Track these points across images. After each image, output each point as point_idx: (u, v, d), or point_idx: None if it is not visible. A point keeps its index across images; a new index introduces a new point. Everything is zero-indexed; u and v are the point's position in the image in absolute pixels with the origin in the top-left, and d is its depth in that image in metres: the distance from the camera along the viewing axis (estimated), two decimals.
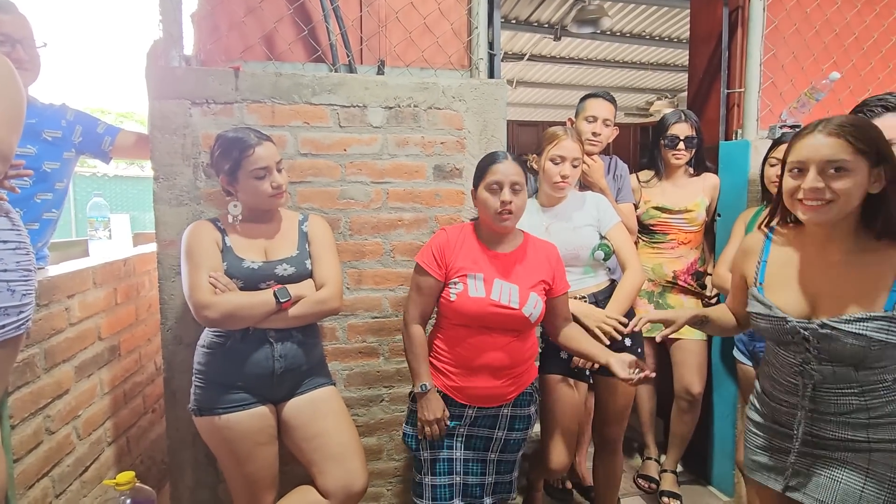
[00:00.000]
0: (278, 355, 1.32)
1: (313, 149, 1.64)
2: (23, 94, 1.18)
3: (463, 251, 1.39)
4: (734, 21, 2.14)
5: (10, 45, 1.48)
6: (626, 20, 4.89)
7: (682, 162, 2.03)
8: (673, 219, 2.04)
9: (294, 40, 1.71)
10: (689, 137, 2.00)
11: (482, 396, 1.38)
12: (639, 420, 2.26)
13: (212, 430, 1.28)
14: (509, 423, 1.43)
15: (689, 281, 2.05)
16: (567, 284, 1.47)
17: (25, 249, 1.22)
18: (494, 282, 1.34)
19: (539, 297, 1.36)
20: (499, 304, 1.32)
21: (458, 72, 1.82)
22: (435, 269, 1.37)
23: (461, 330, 1.36)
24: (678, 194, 2.05)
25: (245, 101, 1.58)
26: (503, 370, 1.36)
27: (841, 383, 1.01)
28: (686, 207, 2.02)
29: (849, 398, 1.01)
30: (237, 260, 1.31)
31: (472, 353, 1.35)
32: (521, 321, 1.34)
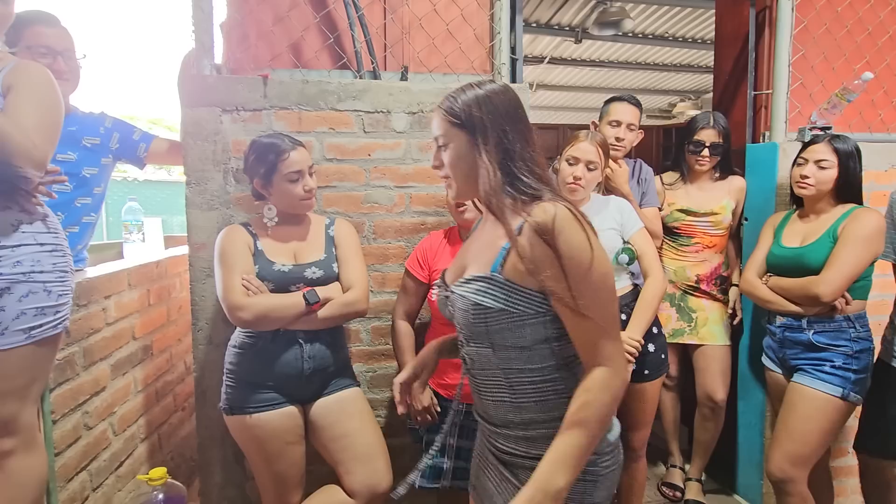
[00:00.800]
0: (307, 356, 1.35)
1: (338, 154, 1.67)
2: (61, 104, 1.24)
3: (445, 253, 1.46)
4: (761, 21, 2.11)
5: (52, 56, 1.55)
6: (648, 21, 4.84)
7: (706, 168, 2.00)
8: (697, 222, 2.01)
9: (320, 48, 1.75)
10: (714, 144, 1.97)
11: (468, 392, 1.40)
12: (662, 427, 2.23)
13: (242, 428, 1.31)
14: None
15: (713, 285, 2.01)
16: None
17: (62, 252, 1.27)
18: None
19: None
20: None
21: (481, 76, 1.83)
22: (418, 271, 1.49)
23: (444, 328, 1.42)
24: (703, 197, 2.02)
25: (273, 107, 1.62)
26: None
27: (486, 369, 0.88)
28: (711, 210, 1.99)
29: (499, 392, 0.88)
30: (268, 263, 1.35)
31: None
32: None
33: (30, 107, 1.15)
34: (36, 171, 1.14)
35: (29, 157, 1.11)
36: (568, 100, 7.59)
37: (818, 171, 1.62)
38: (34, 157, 1.12)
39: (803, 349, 1.61)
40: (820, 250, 1.57)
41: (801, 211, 1.74)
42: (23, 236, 1.19)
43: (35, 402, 1.23)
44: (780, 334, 1.68)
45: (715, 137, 1.97)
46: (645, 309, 1.58)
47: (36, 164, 1.13)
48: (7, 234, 1.16)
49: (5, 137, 1.07)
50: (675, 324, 2.02)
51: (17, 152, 1.09)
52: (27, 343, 1.17)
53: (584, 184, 1.58)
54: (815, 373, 1.57)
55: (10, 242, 1.17)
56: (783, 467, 1.56)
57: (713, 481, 2.23)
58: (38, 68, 1.23)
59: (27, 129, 1.12)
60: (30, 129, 1.12)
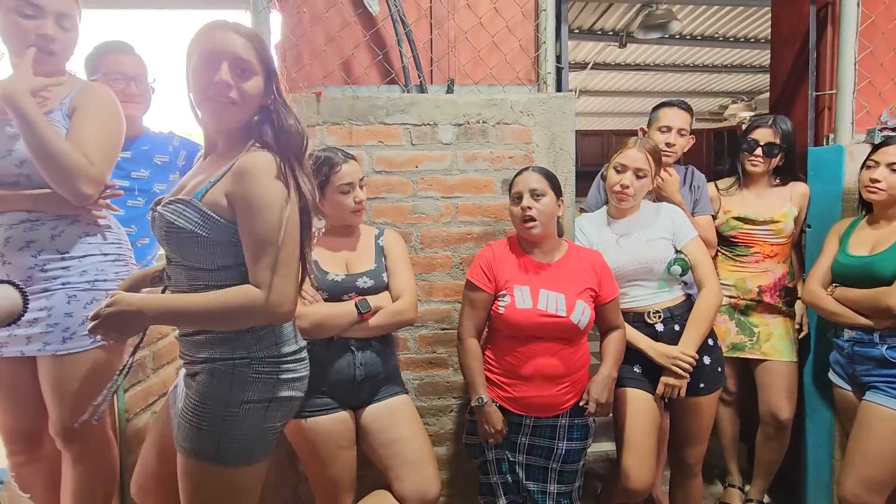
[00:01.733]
0: (359, 363, 1.39)
1: (387, 166, 1.72)
2: (121, 125, 1.34)
3: (509, 263, 1.45)
4: (822, 18, 2.01)
5: (125, 82, 1.69)
6: (696, 23, 4.70)
7: (759, 170, 1.89)
8: (757, 230, 1.90)
9: (369, 65, 1.81)
10: (770, 144, 1.86)
11: (538, 406, 1.41)
12: (720, 444, 2.12)
13: (298, 432, 1.37)
14: (568, 432, 1.44)
15: (777, 298, 1.91)
16: (615, 290, 1.48)
17: (124, 261, 1.37)
18: (540, 292, 1.39)
19: (586, 303, 1.40)
20: (546, 313, 1.37)
21: (526, 86, 1.85)
22: (485, 283, 1.45)
23: (510, 341, 1.42)
24: (762, 204, 1.91)
25: (325, 123, 1.69)
26: (557, 378, 1.40)
27: (178, 287, 1.04)
28: (772, 218, 1.88)
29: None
30: (322, 273, 1.41)
31: (521, 362, 1.40)
32: (569, 329, 1.38)
33: (91, 127, 1.25)
34: (93, 187, 1.23)
35: (86, 174, 1.20)
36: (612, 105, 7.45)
37: (890, 175, 1.52)
38: (91, 174, 1.21)
39: (875, 365, 1.51)
40: (892, 259, 1.47)
41: (870, 217, 1.64)
42: (88, 247, 1.30)
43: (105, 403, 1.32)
44: (848, 349, 1.58)
45: (771, 137, 1.86)
46: (700, 321, 1.53)
47: (92, 180, 1.22)
48: (74, 245, 1.27)
49: (65, 156, 1.17)
50: (734, 338, 1.92)
51: (75, 170, 1.18)
52: (93, 347, 1.27)
53: (631, 192, 1.55)
54: (890, 391, 1.47)
55: (77, 253, 1.28)
56: (857, 493, 1.46)
57: (776, 503, 2.11)
58: (102, 90, 1.34)
59: (87, 148, 1.21)
60: (89, 148, 1.22)
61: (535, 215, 1.39)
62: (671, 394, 1.52)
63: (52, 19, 1.24)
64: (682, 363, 1.48)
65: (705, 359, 1.56)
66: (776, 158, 1.88)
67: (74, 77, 1.37)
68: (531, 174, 1.43)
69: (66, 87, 1.30)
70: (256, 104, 1.02)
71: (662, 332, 1.56)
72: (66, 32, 1.28)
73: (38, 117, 1.17)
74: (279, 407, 1.03)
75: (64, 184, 1.20)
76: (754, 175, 1.93)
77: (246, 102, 1.00)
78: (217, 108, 0.99)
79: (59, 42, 1.26)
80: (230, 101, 0.98)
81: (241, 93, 0.98)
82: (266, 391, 1.01)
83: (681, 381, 1.50)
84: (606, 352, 1.49)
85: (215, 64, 0.96)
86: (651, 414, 1.54)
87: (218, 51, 0.97)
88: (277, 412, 1.03)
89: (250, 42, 1.00)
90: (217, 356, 1.00)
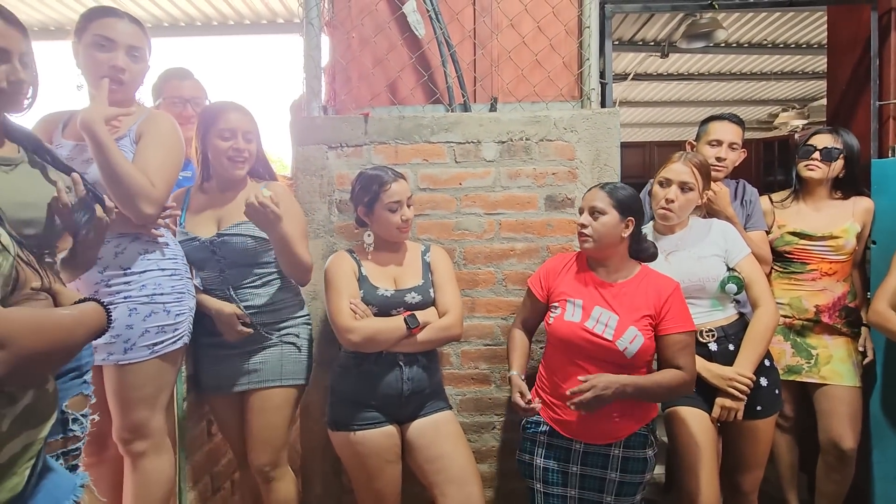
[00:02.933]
0: (406, 378, 1.41)
1: (431, 183, 1.76)
2: (182, 154, 1.44)
3: (568, 276, 1.43)
4: (885, 24, 1.92)
5: (183, 104, 1.81)
6: (743, 30, 4.56)
7: (816, 176, 1.79)
8: (814, 246, 1.80)
9: (415, 85, 1.86)
10: (828, 149, 1.75)
11: (585, 431, 1.36)
12: (777, 473, 2.01)
13: (346, 444, 1.40)
14: (622, 464, 1.37)
15: (836, 318, 1.80)
16: (685, 325, 1.35)
17: (180, 275, 1.45)
18: (594, 309, 1.35)
19: (640, 331, 1.32)
20: (591, 331, 1.33)
21: (570, 103, 1.84)
22: (538, 290, 1.48)
23: (560, 358, 1.39)
24: (820, 218, 1.81)
25: (372, 143, 1.75)
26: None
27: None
28: (831, 233, 1.78)
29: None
30: (372, 288, 1.44)
31: (568, 382, 1.36)
32: (613, 353, 1.32)
33: (154, 152, 1.34)
34: (154, 208, 1.31)
35: (148, 195, 1.28)
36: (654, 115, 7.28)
37: None
38: (152, 195, 1.29)
39: None
40: None
41: None
42: (147, 263, 1.38)
43: (163, 410, 1.39)
44: None
45: (830, 142, 1.76)
46: (756, 341, 1.47)
47: (153, 201, 1.30)
48: (135, 262, 1.36)
49: (130, 179, 1.26)
50: (789, 360, 1.82)
51: (139, 192, 1.27)
52: (151, 357, 1.34)
53: (676, 207, 1.51)
54: None
55: (138, 269, 1.36)
56: None
57: None
58: (166, 118, 1.44)
59: (149, 171, 1.30)
60: (151, 172, 1.31)
61: (589, 233, 1.36)
62: (728, 416, 1.45)
63: (124, 51, 1.34)
64: (739, 385, 1.42)
65: (762, 380, 1.50)
66: (837, 164, 1.77)
67: (142, 106, 1.47)
68: (596, 192, 1.39)
69: (134, 116, 1.41)
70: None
71: (716, 352, 1.50)
72: (136, 63, 1.38)
73: (109, 143, 1.26)
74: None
75: (128, 204, 1.29)
76: (812, 184, 1.83)
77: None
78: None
79: (129, 72, 1.36)
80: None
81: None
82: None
83: (738, 403, 1.44)
84: (650, 375, 1.36)
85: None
86: (711, 433, 1.47)
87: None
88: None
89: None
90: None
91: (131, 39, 1.36)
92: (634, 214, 1.37)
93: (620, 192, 1.38)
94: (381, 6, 1.83)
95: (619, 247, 1.39)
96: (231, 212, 1.48)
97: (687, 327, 1.35)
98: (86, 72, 1.35)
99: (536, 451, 1.43)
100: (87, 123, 1.25)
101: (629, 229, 1.37)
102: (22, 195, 1.01)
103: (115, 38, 1.33)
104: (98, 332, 0.86)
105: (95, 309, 0.86)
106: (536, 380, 1.50)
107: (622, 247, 1.39)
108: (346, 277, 1.43)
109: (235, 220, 1.46)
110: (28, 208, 1.02)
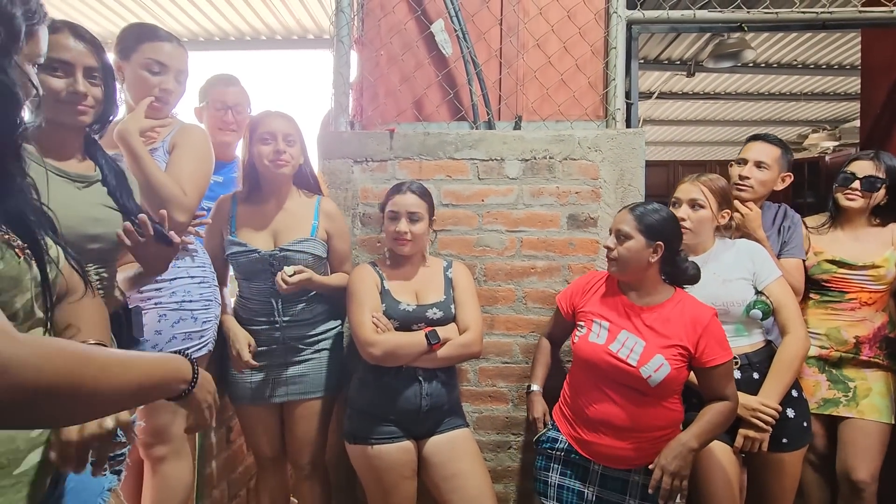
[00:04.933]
0: (425, 393, 1.41)
1: (454, 200, 1.77)
2: (212, 164, 1.49)
3: (597, 296, 1.42)
4: None
5: (225, 110, 1.87)
6: (772, 50, 4.50)
7: (856, 205, 1.72)
8: (854, 275, 1.73)
9: (440, 103, 1.89)
10: (869, 178, 1.69)
11: (604, 455, 1.34)
12: None
13: (363, 457, 1.40)
14: (641, 492, 1.33)
15: (877, 349, 1.70)
16: (725, 355, 1.31)
17: (208, 283, 1.48)
18: (620, 332, 1.33)
19: (667, 360, 1.28)
20: (615, 355, 1.31)
21: (594, 122, 1.85)
22: (564, 306, 1.51)
23: (582, 376, 1.38)
24: (860, 247, 1.73)
25: (397, 158, 1.77)
26: (625, 431, 1.31)
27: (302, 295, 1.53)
28: (873, 262, 1.70)
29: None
30: (395, 302, 1.46)
31: (589, 404, 1.35)
32: (636, 380, 1.29)
33: (186, 162, 1.39)
34: (185, 216, 1.35)
35: (179, 203, 1.32)
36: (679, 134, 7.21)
37: None
38: (183, 203, 1.33)
39: None
40: None
41: None
42: (177, 271, 1.42)
43: (184, 416, 1.41)
44: None
45: (871, 170, 1.69)
46: (783, 371, 1.42)
47: (184, 209, 1.34)
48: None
49: (163, 187, 1.30)
50: (825, 392, 1.73)
51: (171, 199, 1.31)
52: None
53: (689, 225, 1.49)
54: None
55: (168, 276, 1.40)
56: None
57: None
58: (198, 131, 1.49)
59: (182, 180, 1.35)
60: (184, 180, 1.35)
61: (614, 256, 1.34)
62: (751, 447, 1.41)
63: (173, 76, 1.40)
64: (764, 416, 1.38)
65: (789, 412, 1.45)
66: (878, 194, 1.71)
67: (176, 119, 1.53)
68: (625, 215, 1.35)
69: (168, 128, 1.46)
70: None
71: (740, 381, 1.46)
72: (180, 85, 1.45)
73: (143, 153, 1.31)
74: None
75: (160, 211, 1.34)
76: (851, 213, 1.76)
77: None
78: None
79: (175, 94, 1.43)
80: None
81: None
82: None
83: (762, 434, 1.40)
84: (699, 418, 1.32)
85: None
86: (733, 466, 1.43)
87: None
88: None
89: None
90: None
91: (180, 64, 1.43)
92: (665, 238, 1.32)
93: (650, 216, 1.33)
94: (410, 25, 1.87)
95: (648, 271, 1.35)
96: (288, 226, 1.52)
97: (728, 356, 1.31)
98: (132, 90, 1.41)
99: (552, 467, 1.41)
100: (122, 134, 1.30)
101: (657, 254, 1.32)
102: (93, 212, 1.07)
103: (167, 63, 1.39)
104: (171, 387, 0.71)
105: (172, 360, 0.72)
106: (560, 395, 1.48)
107: (651, 271, 1.35)
108: (369, 290, 1.45)
109: (295, 236, 1.50)
110: (97, 224, 1.07)
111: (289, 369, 1.50)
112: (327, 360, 1.54)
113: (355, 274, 1.50)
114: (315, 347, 1.53)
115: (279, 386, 1.50)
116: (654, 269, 1.35)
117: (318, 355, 1.53)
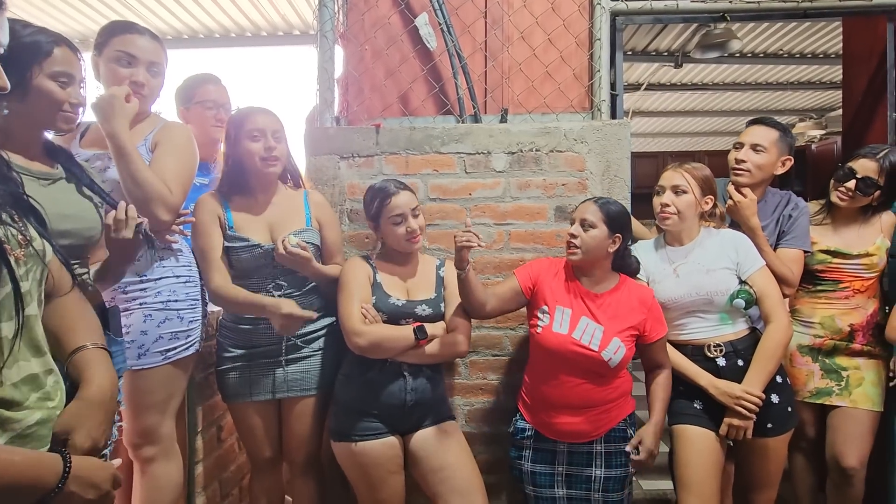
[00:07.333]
0: (410, 388, 1.41)
1: (441, 194, 1.77)
2: (196, 158, 1.47)
3: (556, 281, 1.48)
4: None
5: (216, 108, 1.85)
6: (758, 40, 4.52)
7: (844, 206, 1.70)
8: (848, 264, 1.72)
9: (426, 97, 1.88)
10: (867, 179, 1.65)
11: (567, 433, 1.42)
12: (795, 495, 1.94)
13: (348, 455, 1.40)
14: (605, 459, 1.42)
15: (870, 338, 1.71)
16: (663, 329, 1.46)
17: (194, 282, 1.47)
18: (581, 320, 1.41)
19: (623, 342, 1.39)
20: (579, 343, 1.38)
21: (580, 114, 1.85)
22: (524, 280, 1.49)
23: (544, 366, 1.44)
24: (854, 236, 1.73)
25: (384, 153, 1.77)
26: (584, 408, 1.41)
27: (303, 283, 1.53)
28: (866, 251, 1.70)
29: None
30: (385, 296, 1.46)
31: (551, 389, 1.42)
32: (598, 364, 1.38)
33: (170, 160, 1.37)
34: (170, 214, 1.34)
35: (165, 201, 1.31)
36: (667, 125, 7.23)
37: None
38: (169, 201, 1.32)
39: None
40: None
41: None
42: (163, 270, 1.41)
43: (173, 416, 1.41)
44: None
45: (872, 172, 1.64)
46: (766, 358, 1.44)
47: (170, 207, 1.33)
48: (150, 269, 1.39)
49: (149, 184, 1.29)
50: (818, 382, 1.73)
51: (156, 197, 1.30)
52: (164, 363, 1.37)
53: (673, 211, 1.50)
54: None
55: (153, 276, 1.39)
56: None
57: None
58: (181, 127, 1.48)
59: (166, 178, 1.33)
60: (168, 178, 1.34)
61: (578, 243, 1.41)
62: (736, 435, 1.43)
63: (144, 67, 1.38)
64: (747, 403, 1.40)
65: (773, 397, 1.47)
66: (868, 198, 1.68)
67: (157, 116, 1.51)
68: (588, 205, 1.44)
69: (149, 125, 1.45)
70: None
71: (724, 368, 1.48)
72: (155, 78, 1.43)
73: (131, 148, 1.30)
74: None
75: (146, 209, 1.32)
76: (840, 207, 1.74)
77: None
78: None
79: (148, 87, 1.41)
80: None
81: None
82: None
83: (746, 421, 1.42)
84: (654, 398, 1.46)
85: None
86: (714, 454, 1.45)
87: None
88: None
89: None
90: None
91: (152, 56, 1.40)
92: (622, 231, 1.43)
93: (611, 207, 1.43)
94: (394, 19, 1.86)
95: (605, 260, 1.45)
96: (283, 219, 1.50)
97: (664, 330, 1.48)
98: (107, 85, 1.39)
99: (524, 455, 1.48)
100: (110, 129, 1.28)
101: (616, 245, 1.43)
102: (60, 207, 1.06)
103: (136, 55, 1.37)
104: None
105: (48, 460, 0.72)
106: (521, 386, 1.54)
107: (607, 261, 1.46)
108: (360, 282, 1.45)
109: (292, 228, 1.47)
110: (66, 220, 1.06)
111: (287, 366, 1.49)
112: (324, 356, 1.53)
113: (347, 265, 1.50)
114: (312, 346, 1.52)
115: (279, 383, 1.49)
116: (609, 259, 1.45)
117: (316, 352, 1.52)
